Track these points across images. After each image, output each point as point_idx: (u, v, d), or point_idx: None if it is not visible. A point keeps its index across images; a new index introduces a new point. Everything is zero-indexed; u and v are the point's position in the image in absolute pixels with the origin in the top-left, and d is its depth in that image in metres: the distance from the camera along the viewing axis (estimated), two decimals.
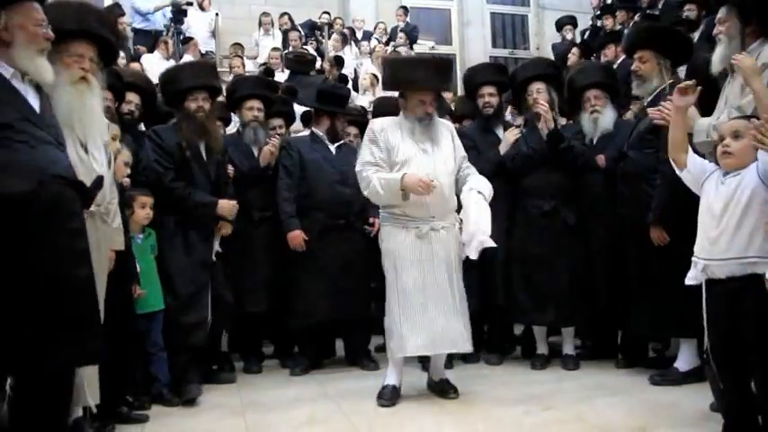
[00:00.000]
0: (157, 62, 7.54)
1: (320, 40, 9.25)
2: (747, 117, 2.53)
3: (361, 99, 7.27)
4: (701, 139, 2.87)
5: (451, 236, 3.41)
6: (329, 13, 9.80)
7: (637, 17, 7.65)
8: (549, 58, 7.67)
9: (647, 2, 8.10)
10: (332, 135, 4.28)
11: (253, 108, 4.29)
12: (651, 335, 3.93)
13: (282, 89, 5.23)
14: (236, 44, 8.66)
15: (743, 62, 2.62)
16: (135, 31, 8.69)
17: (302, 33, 9.06)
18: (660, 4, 7.64)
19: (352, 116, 4.66)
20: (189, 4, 8.21)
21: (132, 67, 6.53)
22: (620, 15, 8.05)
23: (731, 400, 2.44)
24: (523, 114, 4.42)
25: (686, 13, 6.46)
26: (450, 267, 3.38)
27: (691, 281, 2.54)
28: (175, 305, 3.53)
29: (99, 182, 2.46)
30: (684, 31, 4.40)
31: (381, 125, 3.49)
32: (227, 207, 3.71)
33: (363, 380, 3.70)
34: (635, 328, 3.76)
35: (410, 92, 3.47)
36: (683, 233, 3.22)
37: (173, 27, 7.90)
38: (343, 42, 9.12)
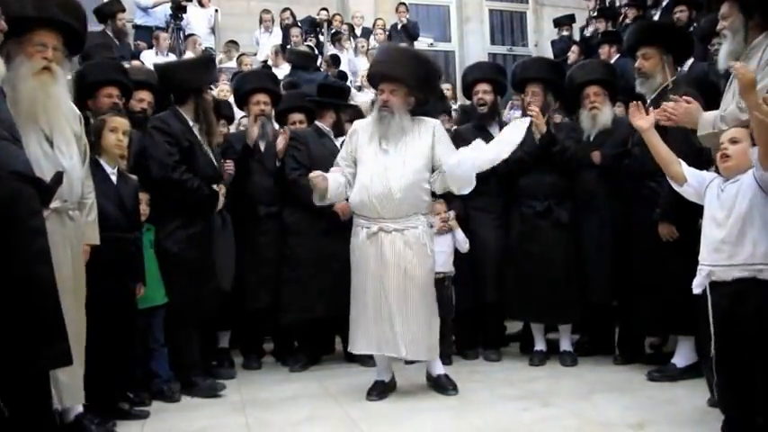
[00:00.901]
0: (157, 59, 7.51)
1: (320, 38, 9.24)
2: (746, 125, 2.53)
3: (361, 96, 7.27)
4: (706, 131, 2.85)
5: (411, 240, 3.31)
6: (327, 10, 9.78)
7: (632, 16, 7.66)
8: (550, 57, 7.67)
9: (651, 1, 8.05)
10: (337, 130, 4.28)
11: (259, 102, 4.27)
12: (652, 331, 3.94)
13: (284, 84, 5.23)
14: (230, 42, 8.63)
15: (744, 77, 2.34)
16: (136, 27, 8.65)
17: (303, 30, 9.04)
18: (664, 3, 7.60)
19: (355, 111, 4.66)
20: (188, 0, 8.20)
21: (134, 64, 6.49)
22: (630, 13, 7.96)
23: (731, 400, 2.44)
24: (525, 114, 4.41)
25: (677, 15, 6.45)
26: (403, 273, 3.27)
27: (698, 288, 2.53)
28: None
29: (59, 178, 2.32)
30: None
31: (360, 124, 3.57)
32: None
33: (363, 376, 3.71)
34: (637, 325, 3.77)
35: (379, 86, 3.49)
36: (687, 231, 3.25)
37: (172, 23, 7.87)
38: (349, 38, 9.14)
